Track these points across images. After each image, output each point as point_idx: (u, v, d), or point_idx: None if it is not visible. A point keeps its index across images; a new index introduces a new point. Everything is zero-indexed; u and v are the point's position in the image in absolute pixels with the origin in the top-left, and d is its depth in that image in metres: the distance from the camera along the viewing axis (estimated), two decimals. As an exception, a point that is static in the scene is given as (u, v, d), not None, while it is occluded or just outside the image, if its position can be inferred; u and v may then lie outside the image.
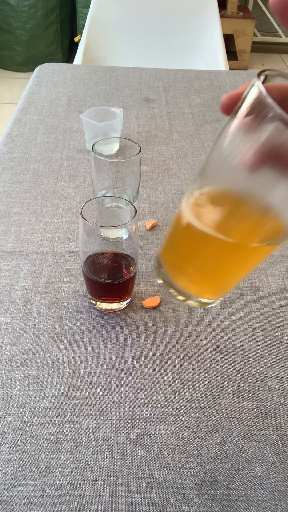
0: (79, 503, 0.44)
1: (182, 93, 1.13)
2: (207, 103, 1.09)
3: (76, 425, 0.49)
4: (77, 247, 0.70)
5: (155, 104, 1.08)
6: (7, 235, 0.71)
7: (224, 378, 0.54)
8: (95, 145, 0.68)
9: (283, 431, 0.50)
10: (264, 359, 0.56)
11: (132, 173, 0.69)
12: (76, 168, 0.86)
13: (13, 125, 0.98)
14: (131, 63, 1.54)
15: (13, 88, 2.79)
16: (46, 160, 0.88)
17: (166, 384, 0.53)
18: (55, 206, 0.77)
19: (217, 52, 1.53)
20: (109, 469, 0.46)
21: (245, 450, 0.48)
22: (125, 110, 1.04)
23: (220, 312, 0.62)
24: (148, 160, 0.89)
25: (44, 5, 2.75)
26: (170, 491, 0.45)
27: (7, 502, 0.43)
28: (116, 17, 1.61)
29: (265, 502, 0.44)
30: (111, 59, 1.60)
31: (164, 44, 1.63)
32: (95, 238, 0.58)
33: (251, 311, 0.62)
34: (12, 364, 0.54)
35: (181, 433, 0.49)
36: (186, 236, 0.35)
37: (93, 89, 1.13)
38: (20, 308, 0.60)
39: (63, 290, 0.63)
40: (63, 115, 1.02)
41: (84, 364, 0.55)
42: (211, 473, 0.46)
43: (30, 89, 1.12)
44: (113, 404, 0.51)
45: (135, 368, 0.55)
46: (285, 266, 0.69)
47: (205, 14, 1.60)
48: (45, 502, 0.44)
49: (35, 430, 0.49)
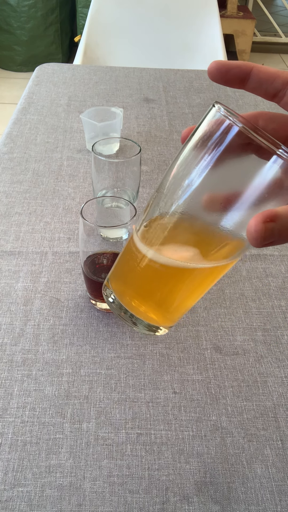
0: (79, 503, 0.44)
1: (182, 93, 1.13)
2: (207, 103, 1.09)
3: (76, 425, 0.49)
4: (77, 247, 0.70)
5: (155, 104, 1.08)
6: (7, 235, 0.71)
7: (224, 378, 0.54)
8: (95, 145, 0.68)
9: (283, 431, 0.50)
10: (264, 359, 0.56)
11: (132, 173, 0.69)
12: (76, 168, 0.86)
13: (13, 125, 0.98)
14: (131, 63, 1.54)
15: (13, 88, 2.79)
16: (46, 160, 0.88)
17: (166, 384, 0.53)
18: (55, 206, 0.77)
19: (217, 52, 1.53)
20: (109, 469, 0.46)
21: (245, 450, 0.48)
22: (125, 110, 1.04)
23: (220, 312, 0.62)
24: (148, 160, 0.89)
25: (44, 5, 2.75)
26: (170, 491, 0.45)
27: (7, 502, 0.43)
28: (116, 17, 1.61)
29: (265, 502, 0.44)
30: (111, 59, 1.60)
31: (164, 44, 1.63)
32: (95, 238, 0.58)
33: (251, 311, 0.62)
34: (12, 364, 0.54)
35: (181, 433, 0.49)
36: (134, 261, 0.33)
37: (93, 89, 1.13)
38: (20, 308, 0.60)
39: (63, 290, 0.63)
40: (63, 115, 1.02)
41: (84, 364, 0.55)
42: (211, 473, 0.46)
43: (30, 89, 1.12)
44: (113, 404, 0.51)
45: (135, 368, 0.55)
46: (285, 266, 0.69)
47: (205, 14, 1.60)
48: (45, 502, 0.44)
49: (35, 430, 0.49)
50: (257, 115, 0.32)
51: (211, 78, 0.30)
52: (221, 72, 0.30)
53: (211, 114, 0.28)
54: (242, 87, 0.30)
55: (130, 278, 0.35)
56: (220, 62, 0.30)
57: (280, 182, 0.26)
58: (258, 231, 0.24)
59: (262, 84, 0.30)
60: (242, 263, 0.69)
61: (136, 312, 0.34)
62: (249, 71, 0.30)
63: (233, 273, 0.67)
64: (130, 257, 0.33)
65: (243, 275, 0.67)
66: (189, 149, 0.29)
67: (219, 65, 0.30)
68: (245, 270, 0.68)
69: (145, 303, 0.35)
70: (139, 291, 0.35)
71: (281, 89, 0.30)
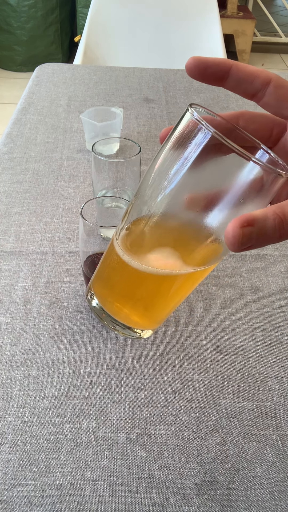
0: (79, 503, 0.44)
1: (182, 93, 1.13)
2: (207, 103, 1.09)
3: (76, 425, 0.49)
4: (77, 247, 0.70)
5: (155, 104, 1.08)
6: (7, 235, 0.71)
7: (224, 378, 0.54)
8: (95, 145, 0.68)
9: (283, 431, 0.50)
10: (264, 359, 0.56)
11: (132, 173, 0.69)
12: (76, 168, 0.86)
13: (13, 125, 0.98)
14: (131, 63, 1.54)
15: (13, 88, 2.79)
16: (46, 160, 0.88)
17: (166, 384, 0.53)
18: (55, 206, 0.77)
19: (217, 52, 1.53)
20: (109, 469, 0.46)
21: (245, 450, 0.48)
22: (125, 110, 1.04)
23: (220, 312, 0.62)
24: (148, 160, 0.89)
25: (44, 5, 2.75)
26: (170, 491, 0.45)
27: (7, 502, 0.43)
28: (116, 17, 1.61)
29: (265, 502, 0.44)
30: (111, 59, 1.60)
31: (164, 44, 1.63)
32: (95, 238, 0.58)
33: (251, 311, 0.62)
34: (12, 364, 0.54)
35: (181, 433, 0.49)
36: (115, 267, 0.33)
37: (93, 89, 1.13)
38: (20, 308, 0.60)
39: (63, 290, 0.63)
40: (63, 115, 1.02)
41: (84, 364, 0.55)
42: (211, 473, 0.46)
43: (30, 89, 1.12)
44: (113, 404, 0.51)
45: (135, 368, 0.55)
46: (285, 266, 0.69)
47: (205, 14, 1.60)
48: (45, 502, 0.44)
49: (35, 430, 0.49)
50: (238, 115, 0.31)
51: (189, 74, 0.29)
52: (199, 68, 0.29)
53: (185, 118, 0.27)
54: (220, 85, 0.30)
55: (112, 283, 0.35)
56: (199, 58, 0.29)
57: (257, 185, 0.26)
58: (236, 236, 0.23)
59: (241, 83, 0.29)
60: (242, 263, 0.69)
61: (119, 317, 0.34)
62: (228, 69, 0.29)
63: (233, 273, 0.67)
64: (111, 262, 0.33)
65: (243, 275, 0.67)
66: (166, 152, 0.29)
67: (198, 62, 0.29)
68: (245, 270, 0.68)
69: (128, 307, 0.35)
70: (121, 295, 0.35)
71: (260, 89, 0.29)
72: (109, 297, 0.35)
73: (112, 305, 0.35)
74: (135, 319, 0.35)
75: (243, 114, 0.32)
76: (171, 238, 0.31)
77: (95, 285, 0.36)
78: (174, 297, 0.34)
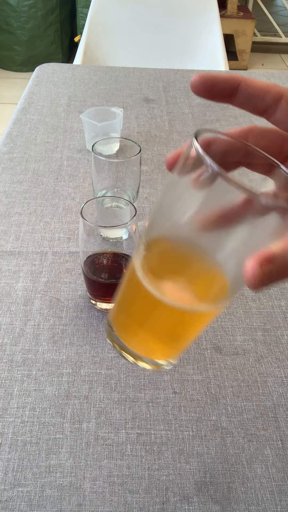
0: (79, 503, 0.44)
1: (182, 93, 1.13)
2: (207, 103, 1.09)
3: (76, 425, 0.49)
4: (77, 247, 0.70)
5: (155, 104, 1.08)
6: (7, 235, 0.71)
7: (224, 378, 0.54)
8: (95, 145, 0.68)
9: (283, 431, 0.50)
10: (264, 359, 0.56)
11: (132, 173, 0.69)
12: (76, 168, 0.86)
13: (13, 125, 0.98)
14: (131, 63, 1.54)
15: (13, 88, 2.79)
16: (46, 160, 0.88)
17: (166, 384, 0.53)
18: (55, 206, 0.77)
19: (217, 52, 1.53)
20: (109, 469, 0.46)
21: (245, 450, 0.48)
22: (125, 110, 1.04)
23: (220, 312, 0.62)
24: (148, 160, 0.89)
25: (44, 5, 2.76)
26: (170, 491, 0.45)
27: (7, 502, 0.43)
28: (116, 17, 1.61)
29: (265, 502, 0.44)
30: (111, 59, 1.60)
31: (164, 44, 1.63)
32: (95, 238, 0.58)
33: (251, 311, 0.62)
34: (12, 364, 0.54)
35: (181, 433, 0.49)
36: (135, 297, 0.32)
37: (93, 89, 1.13)
38: (20, 308, 0.60)
39: (63, 290, 0.63)
40: (63, 115, 1.02)
41: (84, 364, 0.55)
42: (211, 473, 0.46)
43: (30, 89, 1.12)
44: (113, 404, 0.51)
45: (135, 368, 0.55)
46: (285, 266, 0.69)
47: (205, 14, 1.60)
48: (45, 502, 0.44)
49: (35, 430, 0.49)
50: (247, 131, 0.30)
51: (195, 92, 0.27)
52: (206, 85, 0.27)
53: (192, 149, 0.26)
54: (228, 102, 0.28)
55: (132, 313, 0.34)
56: (205, 75, 0.27)
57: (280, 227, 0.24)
58: (256, 276, 0.22)
59: (251, 99, 0.28)
60: (242, 263, 0.69)
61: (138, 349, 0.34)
62: (237, 85, 0.27)
63: (233, 273, 0.67)
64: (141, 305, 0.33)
65: (243, 275, 0.67)
66: (176, 178, 0.27)
67: (204, 79, 0.27)
68: (245, 270, 0.68)
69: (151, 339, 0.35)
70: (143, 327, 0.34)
71: (271, 105, 0.27)
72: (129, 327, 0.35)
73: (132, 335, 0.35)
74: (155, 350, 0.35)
75: (252, 130, 0.30)
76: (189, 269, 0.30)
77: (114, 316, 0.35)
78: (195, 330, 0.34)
